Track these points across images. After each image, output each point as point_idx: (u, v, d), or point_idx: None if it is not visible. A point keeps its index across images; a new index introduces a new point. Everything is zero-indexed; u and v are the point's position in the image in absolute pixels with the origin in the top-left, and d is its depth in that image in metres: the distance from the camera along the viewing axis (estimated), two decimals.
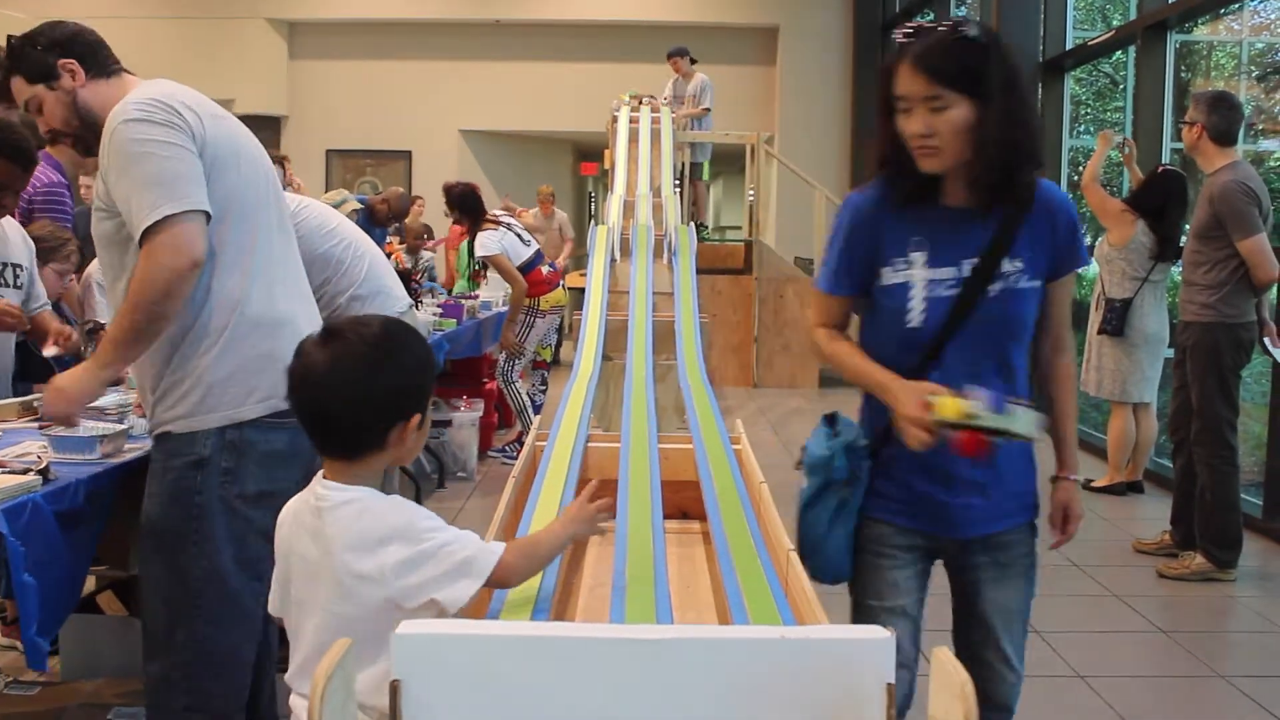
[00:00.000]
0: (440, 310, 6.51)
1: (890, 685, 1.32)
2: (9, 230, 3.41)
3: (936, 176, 2.00)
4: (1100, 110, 10.27)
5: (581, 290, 6.12)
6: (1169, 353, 5.55)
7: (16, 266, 3.39)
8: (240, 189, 2.34)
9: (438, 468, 6.25)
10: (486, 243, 6.61)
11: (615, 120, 9.85)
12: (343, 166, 15.06)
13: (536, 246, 6.91)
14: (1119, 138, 6.20)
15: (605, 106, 10.58)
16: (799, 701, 1.33)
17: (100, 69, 2.39)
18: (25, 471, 2.27)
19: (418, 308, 5.15)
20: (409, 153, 15.07)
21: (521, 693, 1.33)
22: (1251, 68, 8.25)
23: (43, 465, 2.32)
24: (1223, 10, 7.49)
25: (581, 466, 2.85)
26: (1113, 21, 9.75)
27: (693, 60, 10.46)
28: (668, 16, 14.29)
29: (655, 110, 9.96)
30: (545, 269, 6.81)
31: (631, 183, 8.68)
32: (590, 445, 3.05)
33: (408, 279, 6.22)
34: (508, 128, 15.12)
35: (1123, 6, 9.53)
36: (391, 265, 4.44)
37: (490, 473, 6.58)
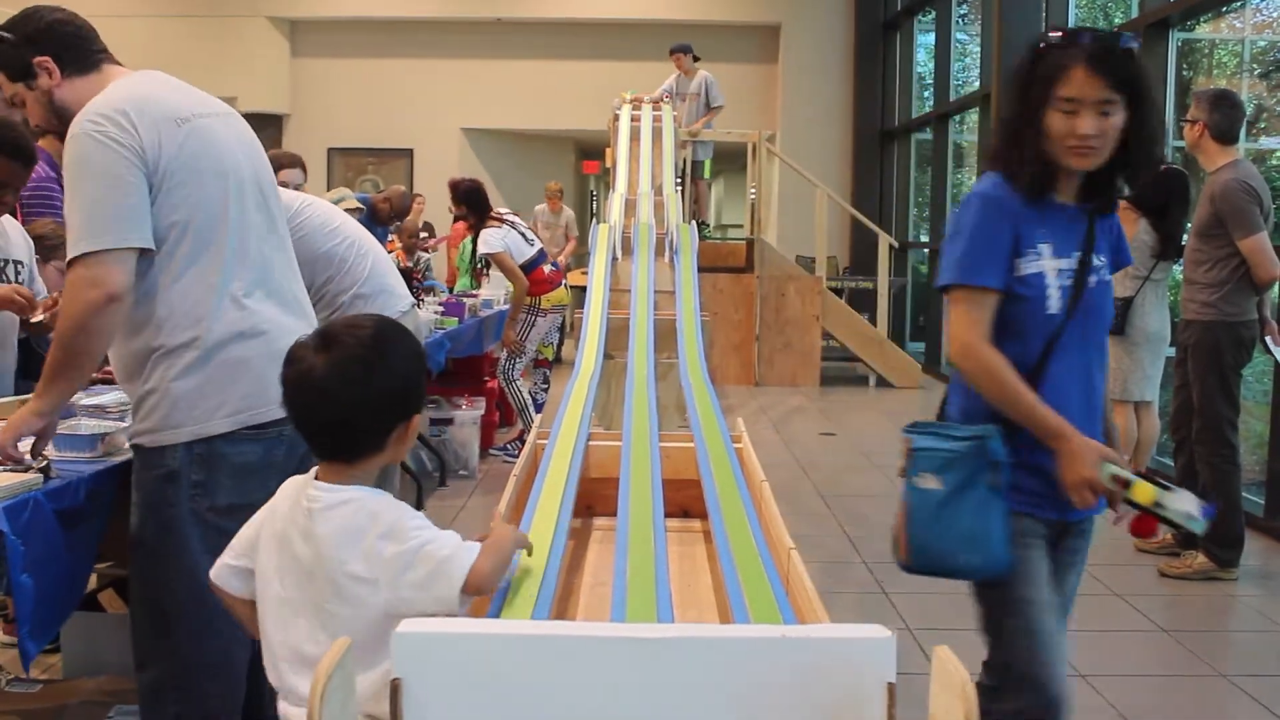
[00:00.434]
0: (441, 309, 6.51)
1: (891, 684, 1.32)
2: (9, 227, 3.41)
3: (1054, 174, 2.12)
4: None
5: (583, 289, 6.12)
6: (1171, 351, 5.55)
7: (17, 263, 3.39)
8: (208, 200, 2.30)
9: (439, 466, 6.25)
10: (490, 240, 6.62)
11: (617, 118, 9.84)
12: (344, 165, 15.06)
13: (539, 245, 6.90)
14: None
15: (607, 105, 10.57)
16: (800, 700, 1.33)
17: (78, 64, 2.32)
18: (26, 469, 2.27)
19: (419, 306, 5.15)
20: (411, 151, 15.07)
21: (522, 691, 1.33)
22: (1254, 65, 8.24)
23: (44, 463, 2.32)
24: (1225, 8, 7.48)
25: (583, 465, 2.85)
26: (1115, 19, 9.74)
27: (695, 57, 10.44)
28: (670, 14, 14.29)
29: (657, 108, 9.95)
30: (547, 268, 6.81)
31: (633, 181, 8.68)
32: (591, 444, 3.05)
33: (409, 277, 6.22)
34: (510, 126, 15.12)
35: (1124, 4, 9.52)
36: (394, 264, 4.43)
37: (492, 471, 6.58)
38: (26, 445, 2.29)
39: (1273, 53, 8.03)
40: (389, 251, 6.20)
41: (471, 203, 6.78)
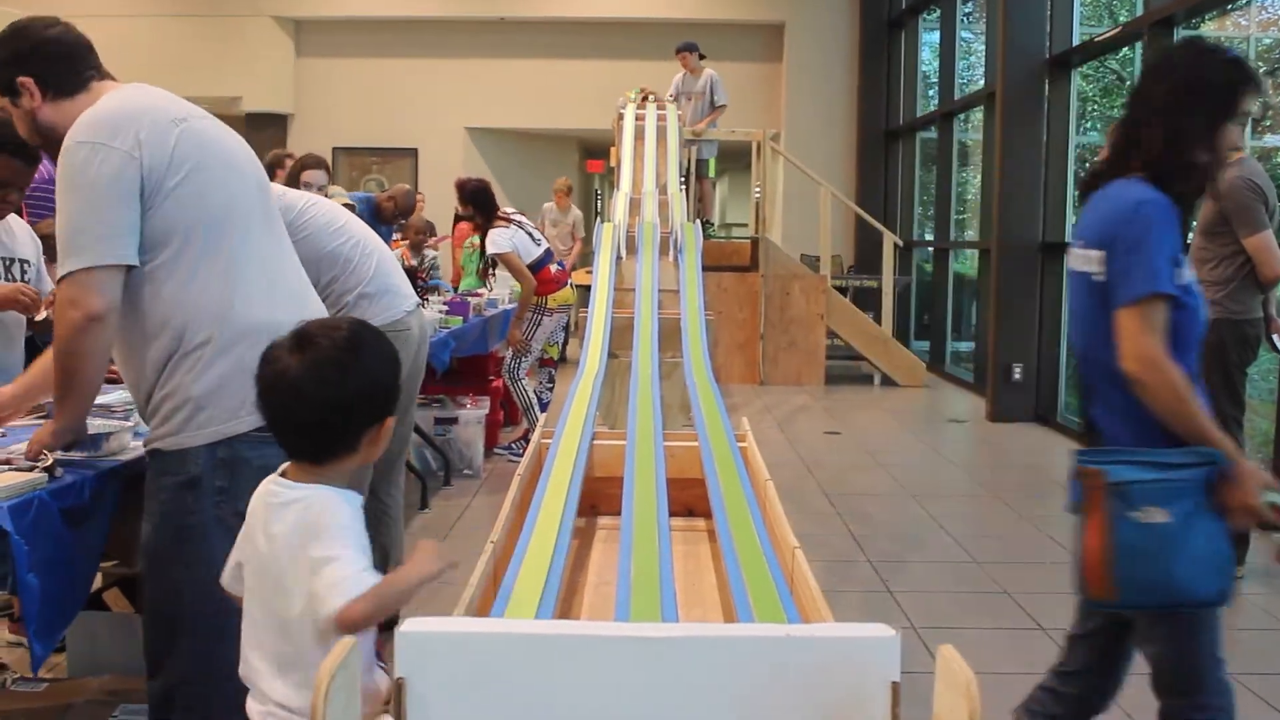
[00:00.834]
0: (446, 308, 6.52)
1: (896, 683, 1.32)
2: (15, 226, 3.41)
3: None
4: (1107, 107, 10.25)
5: (588, 288, 6.13)
6: None
7: (24, 262, 3.39)
8: (213, 199, 2.30)
9: (444, 465, 6.26)
10: (498, 240, 6.62)
11: (621, 117, 9.83)
12: (349, 164, 15.07)
13: (546, 246, 6.93)
14: None
15: (611, 104, 10.56)
16: (804, 700, 1.33)
17: (64, 87, 2.30)
18: (32, 468, 2.27)
19: (424, 305, 5.15)
20: (415, 150, 15.08)
21: (526, 691, 1.33)
22: (1259, 63, 8.22)
23: (49, 462, 2.32)
24: (1230, 6, 7.47)
25: (587, 464, 2.85)
26: (1119, 18, 9.73)
27: (701, 56, 10.42)
28: (674, 13, 14.28)
29: (661, 108, 9.93)
30: (554, 268, 6.83)
31: (637, 180, 8.66)
32: (596, 443, 3.05)
33: (414, 276, 6.22)
34: (514, 125, 15.12)
35: (1129, 3, 9.50)
36: (399, 263, 4.43)
37: (496, 470, 6.59)
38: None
39: (1278, 50, 8.01)
40: (393, 250, 6.21)
41: (478, 203, 6.79)
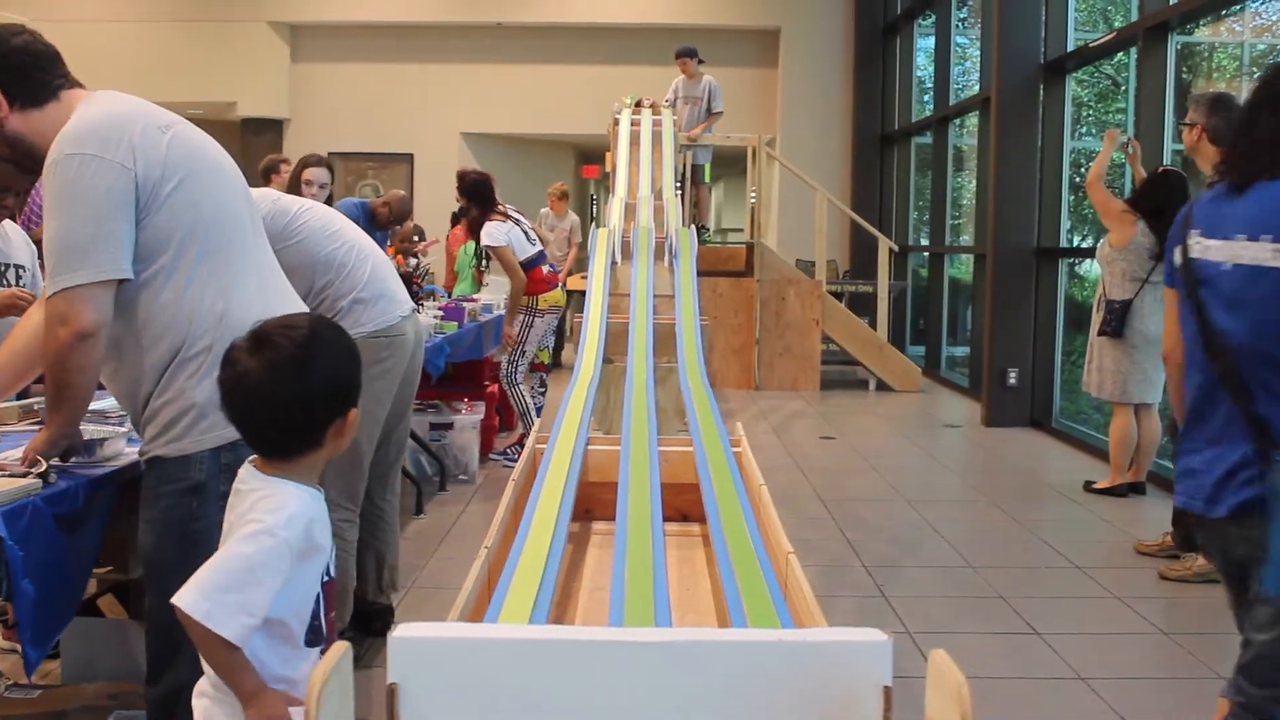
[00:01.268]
0: (441, 313, 6.52)
1: (887, 688, 1.32)
2: (10, 232, 3.42)
3: None
4: (1102, 112, 10.27)
5: (583, 293, 6.13)
6: None
7: (19, 268, 3.40)
8: (205, 205, 2.30)
9: (439, 470, 6.25)
10: (494, 232, 6.58)
11: (616, 123, 9.85)
12: (345, 169, 15.06)
13: (541, 248, 6.88)
14: (1124, 137, 6.22)
15: (607, 109, 10.57)
16: (797, 704, 1.33)
17: (32, 96, 2.28)
18: (26, 474, 2.27)
19: (419, 311, 5.15)
20: (411, 156, 15.08)
21: (520, 696, 1.33)
22: (1253, 69, 8.24)
23: (43, 468, 2.32)
24: (1224, 12, 7.49)
25: (581, 469, 2.86)
26: (1114, 23, 9.75)
27: (700, 61, 10.43)
28: (669, 19, 14.30)
29: (656, 113, 9.95)
30: (545, 269, 6.80)
31: (633, 185, 8.68)
32: (590, 448, 3.06)
33: (409, 282, 6.21)
34: (509, 130, 15.13)
35: (1124, 8, 9.53)
36: (394, 268, 4.42)
37: (491, 475, 6.58)
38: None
39: (1272, 56, 8.03)
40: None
41: (476, 194, 6.71)
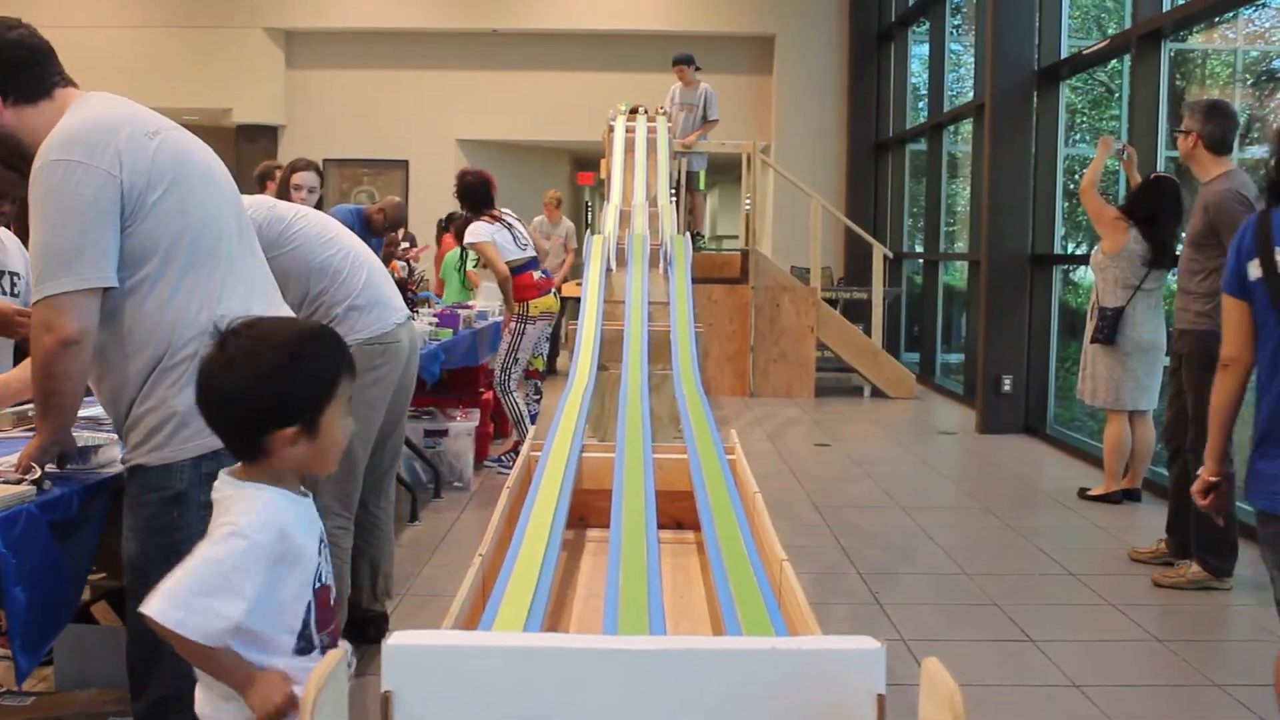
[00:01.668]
0: (436, 320, 6.51)
1: (881, 696, 1.32)
2: (6, 239, 3.41)
3: None
4: (1096, 119, 10.29)
5: (577, 300, 6.13)
6: (1167, 360, 5.55)
7: (14, 275, 3.39)
8: (193, 212, 2.29)
9: (434, 477, 6.25)
10: (477, 230, 6.54)
11: (611, 130, 9.85)
12: (340, 176, 15.07)
13: (533, 254, 6.83)
14: (1119, 144, 6.23)
15: (602, 116, 10.58)
16: (791, 712, 1.33)
17: (25, 94, 2.27)
18: (20, 481, 2.27)
19: (414, 318, 5.14)
20: (406, 162, 15.09)
21: (514, 704, 1.33)
22: (1246, 76, 8.27)
23: (37, 475, 2.31)
24: (1217, 19, 7.52)
25: (576, 476, 2.85)
26: (1108, 30, 9.78)
27: (696, 68, 10.44)
28: (665, 25, 14.32)
29: (652, 119, 9.96)
30: (537, 274, 6.74)
31: (628, 192, 8.68)
32: (585, 455, 3.05)
33: (404, 289, 6.22)
34: (504, 137, 15.14)
35: (1118, 15, 9.56)
36: (389, 275, 4.42)
37: (486, 483, 6.58)
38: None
39: (1265, 63, 8.06)
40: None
41: (466, 196, 6.67)
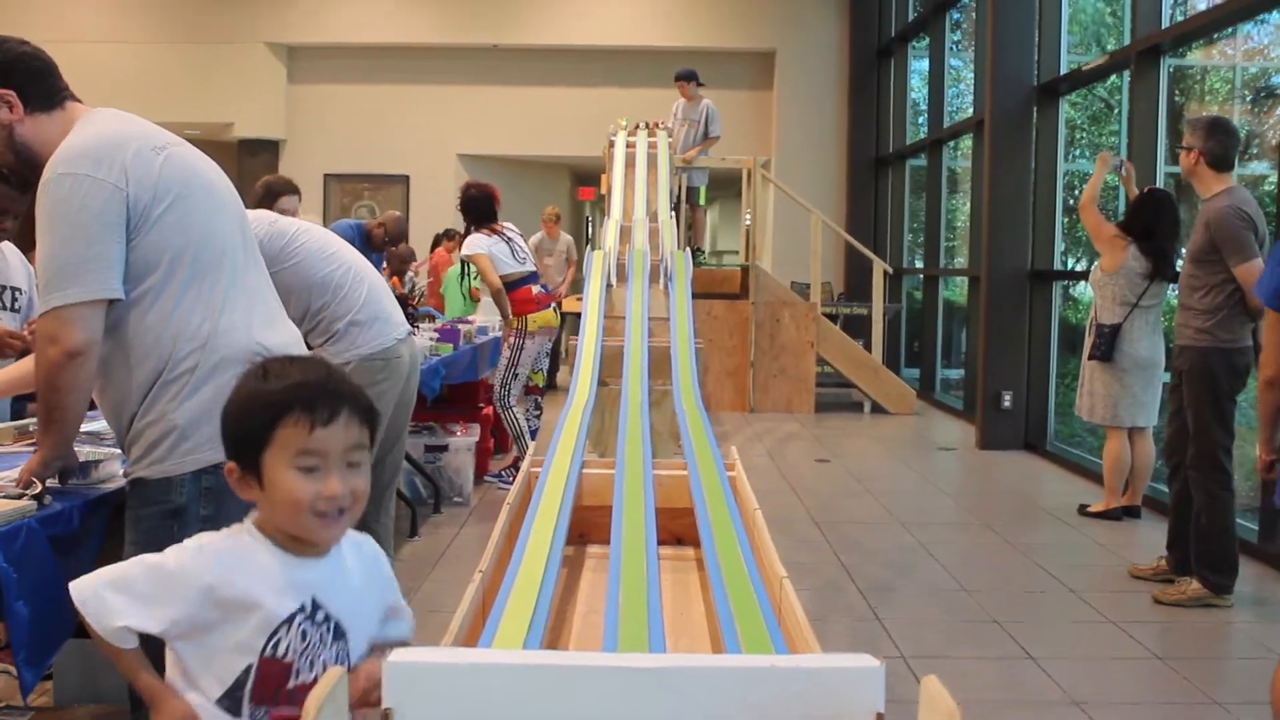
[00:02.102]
0: (437, 335, 6.52)
1: (880, 714, 1.32)
2: (8, 254, 3.42)
3: None
4: (1095, 135, 10.32)
5: (578, 315, 6.13)
6: (1168, 377, 5.55)
7: (15, 290, 3.40)
8: (196, 227, 2.30)
9: (434, 493, 6.25)
10: (473, 242, 6.55)
11: (612, 145, 9.87)
12: (340, 191, 15.10)
13: (533, 269, 6.83)
14: (1117, 159, 6.24)
15: (603, 131, 10.61)
16: None
17: (42, 102, 2.30)
18: (20, 496, 2.27)
19: (415, 333, 5.16)
20: (406, 177, 15.11)
21: None
22: (1245, 92, 8.29)
23: (38, 489, 2.31)
24: (1216, 35, 7.54)
25: (576, 492, 2.85)
26: (1107, 46, 9.81)
27: (699, 84, 10.47)
28: (665, 41, 14.35)
29: (653, 134, 9.98)
30: (536, 289, 6.74)
31: (628, 207, 8.69)
32: (585, 471, 3.05)
33: (404, 304, 6.22)
34: (505, 152, 15.17)
35: (1117, 32, 9.58)
36: (390, 290, 4.43)
37: (486, 498, 6.57)
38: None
39: (1263, 79, 8.08)
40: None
41: (469, 209, 6.67)
